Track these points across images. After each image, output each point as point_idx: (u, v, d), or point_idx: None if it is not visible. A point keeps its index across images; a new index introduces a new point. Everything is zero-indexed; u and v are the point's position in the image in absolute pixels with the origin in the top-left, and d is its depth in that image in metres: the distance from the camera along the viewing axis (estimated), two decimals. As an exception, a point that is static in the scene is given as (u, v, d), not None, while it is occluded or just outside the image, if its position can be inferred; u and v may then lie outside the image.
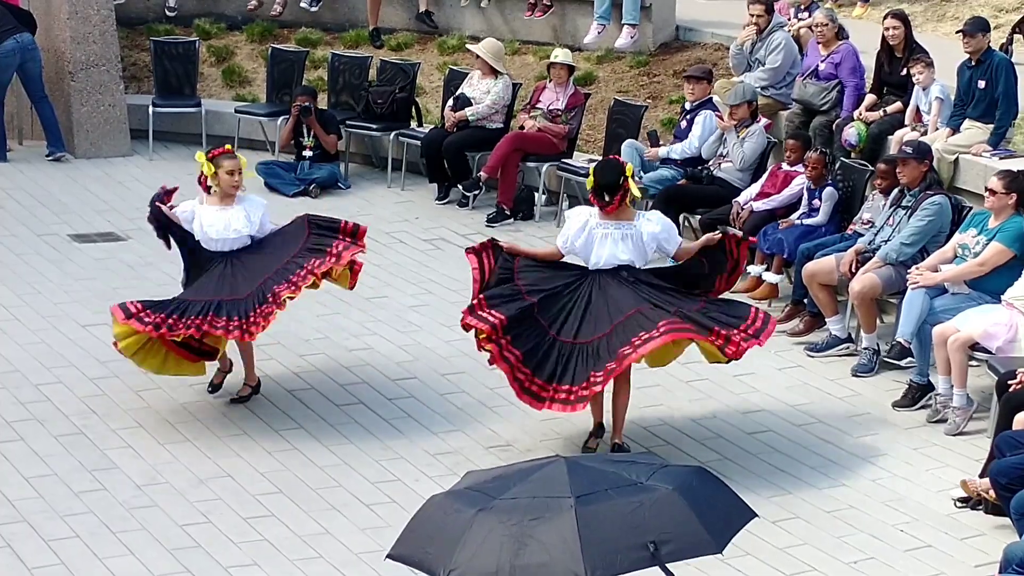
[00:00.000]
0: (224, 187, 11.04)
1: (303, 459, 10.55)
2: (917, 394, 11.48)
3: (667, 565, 6.76)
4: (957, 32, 13.20)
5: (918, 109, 13.43)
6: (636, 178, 10.67)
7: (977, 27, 12.99)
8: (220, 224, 11.00)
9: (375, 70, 16.80)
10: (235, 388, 11.30)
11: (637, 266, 10.48)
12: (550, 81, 15.50)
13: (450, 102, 15.70)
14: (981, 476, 9.77)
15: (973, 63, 13.00)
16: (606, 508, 6.76)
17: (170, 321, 10.46)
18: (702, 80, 14.57)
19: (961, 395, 11.02)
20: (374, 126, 16.35)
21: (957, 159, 12.95)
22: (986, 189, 11.51)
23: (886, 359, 11.61)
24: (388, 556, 7.20)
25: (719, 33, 16.67)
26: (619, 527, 6.72)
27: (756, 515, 7.36)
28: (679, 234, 11.01)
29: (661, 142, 14.64)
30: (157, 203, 11.07)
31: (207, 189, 11.08)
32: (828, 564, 9.40)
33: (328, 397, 11.46)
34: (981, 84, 12.95)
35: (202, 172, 11.07)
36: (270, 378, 11.59)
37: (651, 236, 10.50)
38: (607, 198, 10.43)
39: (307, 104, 15.85)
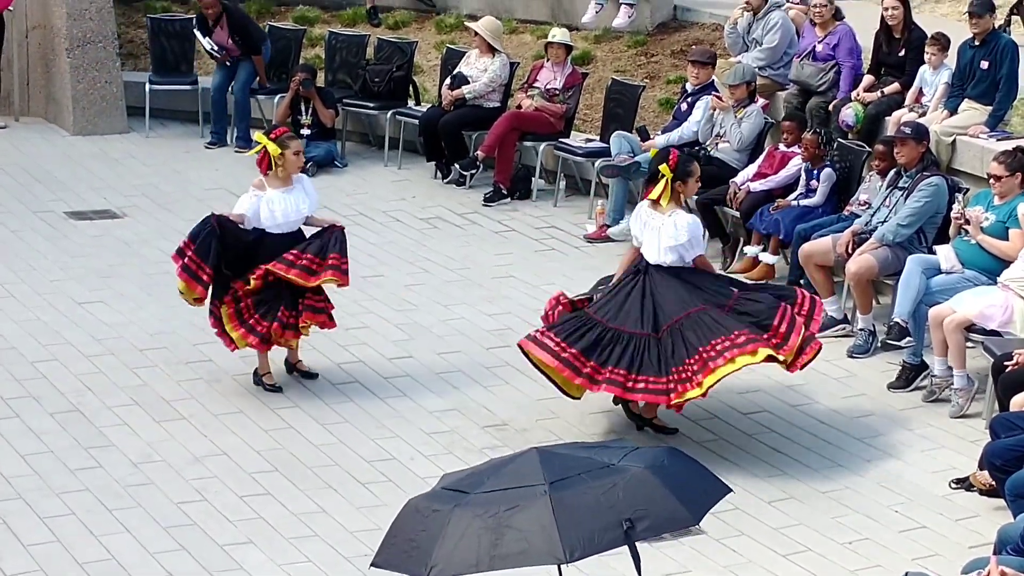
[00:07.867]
0: (292, 168, 11.07)
1: (299, 437, 10.56)
2: (911, 374, 11.48)
3: (650, 539, 6.81)
4: (964, 13, 13.14)
5: (920, 90, 13.42)
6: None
7: (985, 8, 12.97)
8: (290, 207, 11.02)
9: (372, 48, 16.77)
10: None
11: (651, 261, 10.43)
12: (548, 60, 15.46)
13: (447, 80, 15.68)
14: (980, 468, 9.75)
15: (977, 43, 12.98)
16: (580, 491, 6.86)
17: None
18: (707, 65, 14.47)
19: (961, 376, 11.01)
20: (371, 104, 16.32)
21: (954, 140, 12.94)
22: (988, 176, 11.48)
23: (887, 341, 11.60)
24: (373, 564, 7.23)
25: (716, 13, 16.64)
26: (594, 508, 6.82)
27: (731, 490, 7.44)
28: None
29: (651, 135, 14.50)
30: (214, 218, 10.95)
31: (267, 171, 11.03)
32: (822, 544, 9.41)
33: (324, 375, 11.45)
34: (984, 65, 12.91)
35: (265, 154, 10.99)
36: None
37: (668, 236, 10.41)
38: (650, 185, 10.47)
39: (308, 77, 15.83)
